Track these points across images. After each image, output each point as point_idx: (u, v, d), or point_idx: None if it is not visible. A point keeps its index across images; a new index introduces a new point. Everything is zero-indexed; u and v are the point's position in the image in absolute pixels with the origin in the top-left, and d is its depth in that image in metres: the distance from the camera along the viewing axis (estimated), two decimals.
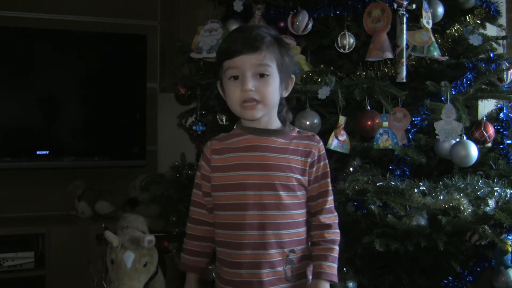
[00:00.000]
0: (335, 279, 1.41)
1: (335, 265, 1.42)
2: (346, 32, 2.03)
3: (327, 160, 1.47)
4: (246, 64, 1.36)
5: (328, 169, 1.47)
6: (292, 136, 1.45)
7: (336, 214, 1.47)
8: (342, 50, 2.04)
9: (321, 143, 1.47)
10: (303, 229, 1.44)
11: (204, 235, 1.51)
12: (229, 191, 1.41)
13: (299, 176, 1.42)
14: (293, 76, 1.48)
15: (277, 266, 1.39)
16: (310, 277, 1.46)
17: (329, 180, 1.46)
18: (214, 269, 1.56)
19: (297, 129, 1.50)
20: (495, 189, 1.86)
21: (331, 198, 1.46)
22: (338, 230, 1.45)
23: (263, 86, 1.37)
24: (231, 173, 1.42)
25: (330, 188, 1.46)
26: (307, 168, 1.43)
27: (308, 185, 1.44)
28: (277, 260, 1.39)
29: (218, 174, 1.44)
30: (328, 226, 1.43)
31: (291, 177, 1.40)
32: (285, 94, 1.47)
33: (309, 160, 1.43)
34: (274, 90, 1.40)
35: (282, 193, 1.39)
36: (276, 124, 1.46)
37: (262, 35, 1.38)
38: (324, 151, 1.47)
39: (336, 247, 1.43)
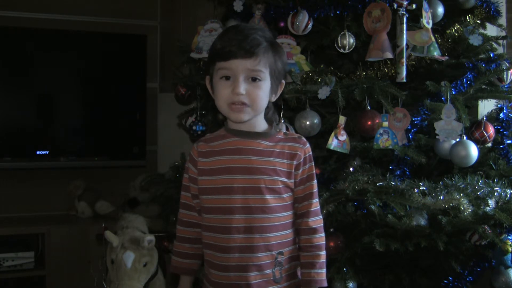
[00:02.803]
0: (325, 283, 1.42)
1: (323, 270, 1.43)
2: (346, 32, 2.03)
3: (313, 162, 1.46)
4: (240, 68, 1.36)
5: (314, 171, 1.46)
6: (277, 139, 1.44)
7: (321, 217, 1.47)
8: (342, 50, 2.04)
9: (307, 145, 1.46)
10: (290, 231, 1.44)
11: (195, 237, 1.51)
12: (216, 194, 1.41)
13: (284, 179, 1.41)
14: (283, 81, 1.47)
15: (265, 269, 1.40)
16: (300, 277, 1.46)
17: (314, 182, 1.45)
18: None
19: (283, 131, 1.49)
20: (495, 189, 1.87)
21: (316, 200, 1.45)
22: (323, 234, 1.45)
23: (254, 90, 1.37)
24: (217, 177, 1.41)
25: (316, 190, 1.46)
26: (293, 170, 1.42)
27: (294, 187, 1.44)
28: (265, 263, 1.39)
29: (204, 177, 1.44)
30: (315, 231, 1.43)
31: (276, 180, 1.40)
32: (274, 99, 1.46)
33: (295, 162, 1.42)
34: (264, 95, 1.40)
35: (267, 196, 1.39)
36: (262, 126, 1.45)
37: (259, 41, 1.37)
38: (310, 153, 1.46)
39: (322, 253, 1.44)
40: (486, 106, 2.22)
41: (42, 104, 3.20)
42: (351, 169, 1.99)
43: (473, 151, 1.88)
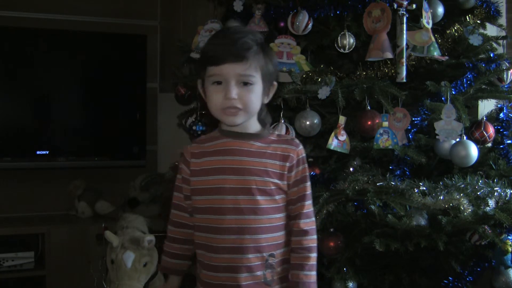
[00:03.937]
0: (313, 286, 1.41)
1: (313, 273, 1.41)
2: (346, 32, 2.03)
3: (306, 164, 1.45)
4: (230, 73, 1.35)
5: (307, 173, 1.45)
6: (270, 140, 1.44)
7: (313, 219, 1.46)
8: (342, 50, 2.04)
9: (301, 147, 1.45)
10: (282, 233, 1.43)
11: (185, 238, 1.52)
12: (207, 195, 1.41)
13: (277, 181, 1.40)
14: (275, 83, 1.47)
15: (256, 271, 1.39)
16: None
17: (308, 184, 1.44)
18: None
19: (277, 133, 1.49)
20: (495, 189, 1.86)
21: (309, 202, 1.44)
22: (315, 236, 1.44)
23: (246, 94, 1.37)
24: (209, 177, 1.41)
25: (309, 192, 1.45)
26: (286, 172, 1.41)
27: (288, 189, 1.43)
28: (255, 265, 1.39)
29: (196, 178, 1.45)
30: (305, 233, 1.42)
31: (268, 182, 1.39)
32: (266, 101, 1.46)
33: (287, 164, 1.41)
34: (257, 98, 1.39)
35: (259, 197, 1.38)
36: (255, 127, 1.45)
37: (249, 44, 1.36)
38: (303, 155, 1.45)
39: (313, 255, 1.42)
40: (486, 106, 2.22)
41: (42, 104, 3.20)
42: (351, 169, 1.99)
43: (473, 151, 1.88)
